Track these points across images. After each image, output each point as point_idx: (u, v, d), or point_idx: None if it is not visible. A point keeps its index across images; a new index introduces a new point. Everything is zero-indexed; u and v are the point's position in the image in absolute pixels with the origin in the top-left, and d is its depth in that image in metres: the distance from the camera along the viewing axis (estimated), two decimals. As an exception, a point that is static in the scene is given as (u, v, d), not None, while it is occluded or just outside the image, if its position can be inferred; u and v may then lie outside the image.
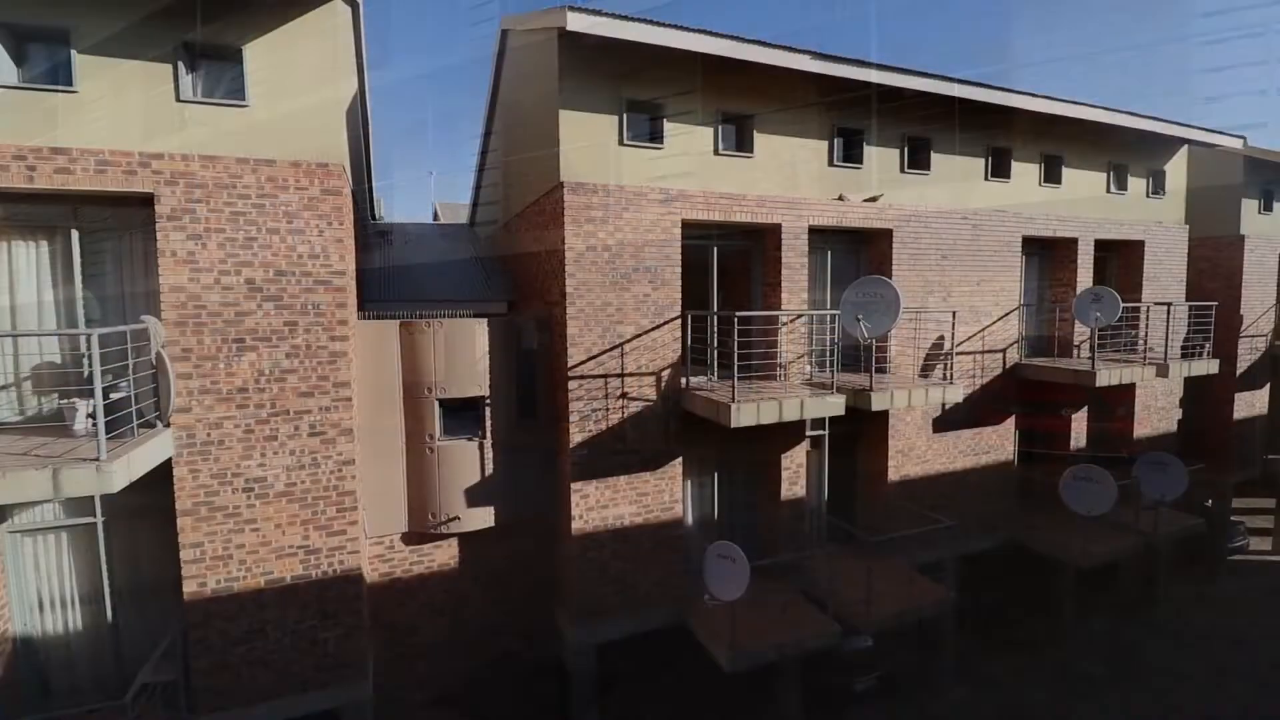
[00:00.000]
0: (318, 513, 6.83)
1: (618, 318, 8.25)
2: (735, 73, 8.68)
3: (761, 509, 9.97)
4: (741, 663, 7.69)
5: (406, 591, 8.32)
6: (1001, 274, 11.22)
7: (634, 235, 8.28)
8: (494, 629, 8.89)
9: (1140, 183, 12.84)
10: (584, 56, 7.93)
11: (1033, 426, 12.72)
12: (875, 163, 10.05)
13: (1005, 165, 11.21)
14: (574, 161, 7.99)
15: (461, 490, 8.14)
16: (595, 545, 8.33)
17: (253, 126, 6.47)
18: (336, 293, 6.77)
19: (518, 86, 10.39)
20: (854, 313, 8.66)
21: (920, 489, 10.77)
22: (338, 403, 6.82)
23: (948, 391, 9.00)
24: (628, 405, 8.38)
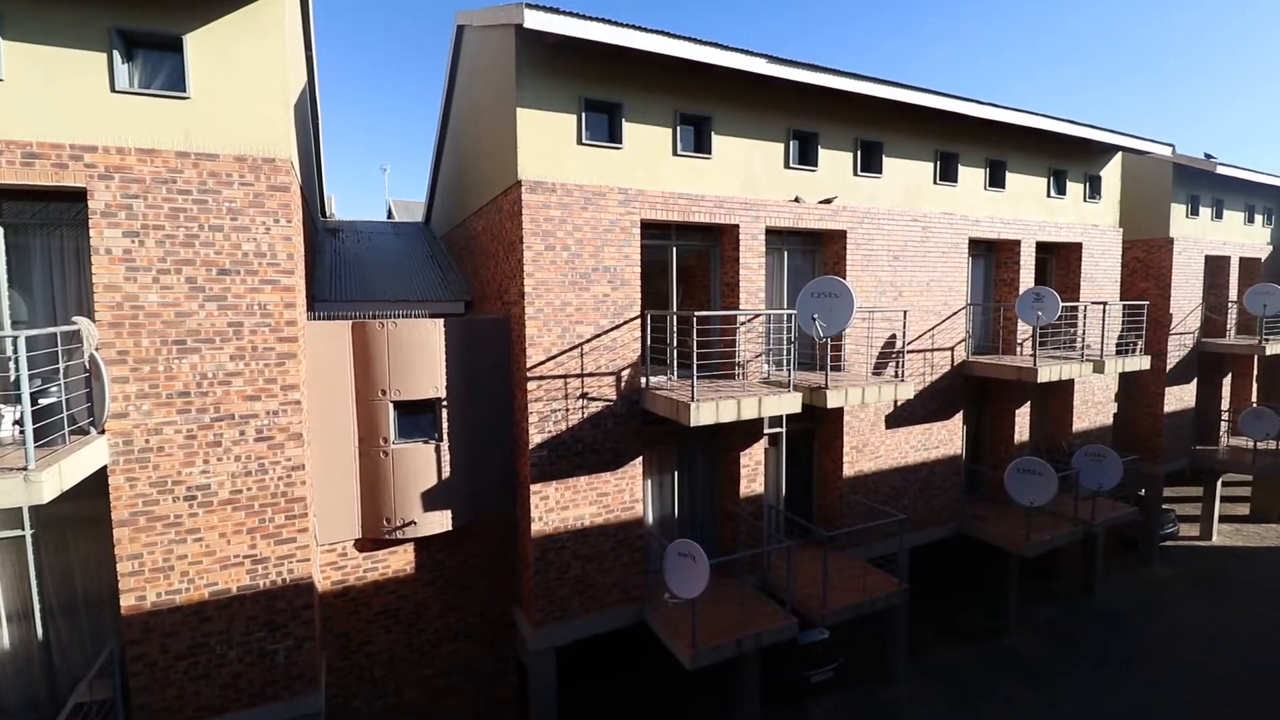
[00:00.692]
0: (265, 520, 6.60)
1: (577, 318, 8.22)
2: (694, 74, 8.75)
3: (721, 506, 10.08)
4: (703, 659, 7.76)
5: (360, 599, 8.12)
6: (950, 274, 11.60)
7: (593, 235, 8.26)
8: (452, 634, 8.75)
9: (1078, 187, 13.45)
10: (542, 54, 7.87)
11: (979, 421, 13.21)
12: (830, 165, 10.26)
13: (953, 170, 11.59)
14: (532, 160, 7.92)
15: (417, 494, 7.98)
16: (555, 546, 8.28)
17: (194, 119, 6.21)
18: (284, 292, 6.55)
19: (474, 83, 10.24)
20: (810, 312, 8.83)
21: (874, 484, 11.07)
22: (286, 406, 6.60)
23: (900, 389, 9.26)
24: (588, 405, 8.35)
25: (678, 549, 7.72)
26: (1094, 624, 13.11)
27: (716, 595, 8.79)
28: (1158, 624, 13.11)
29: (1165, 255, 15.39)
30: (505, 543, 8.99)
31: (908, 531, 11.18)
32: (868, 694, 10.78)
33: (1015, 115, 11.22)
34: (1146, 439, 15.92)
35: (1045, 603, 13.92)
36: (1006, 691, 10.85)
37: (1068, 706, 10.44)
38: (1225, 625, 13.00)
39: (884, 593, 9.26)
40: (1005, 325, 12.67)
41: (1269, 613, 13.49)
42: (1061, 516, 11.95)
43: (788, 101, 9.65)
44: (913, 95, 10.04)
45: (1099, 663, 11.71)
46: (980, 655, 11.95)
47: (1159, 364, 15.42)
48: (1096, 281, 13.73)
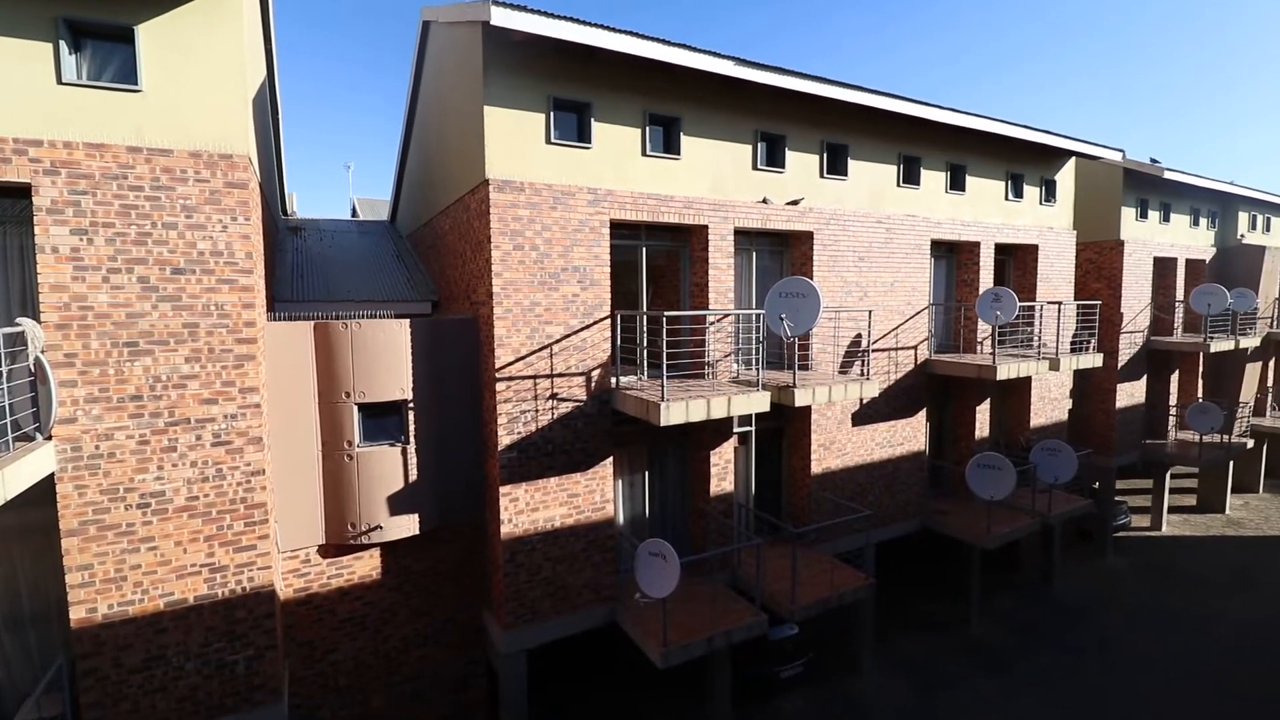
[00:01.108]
0: (224, 528, 6.41)
1: (546, 318, 8.18)
2: (662, 75, 8.78)
3: (692, 505, 10.13)
4: (674, 658, 7.79)
5: (324, 606, 7.93)
6: (913, 275, 11.86)
7: (562, 235, 8.23)
8: (420, 639, 8.62)
9: (1035, 191, 13.88)
10: (510, 52, 7.81)
11: (942, 418, 13.54)
12: (797, 167, 10.40)
13: (915, 172, 11.86)
14: (500, 159, 7.85)
15: (383, 498, 7.84)
16: (525, 548, 8.22)
17: (146, 113, 5.99)
18: (243, 292, 6.37)
19: (441, 80, 10.10)
20: (778, 312, 8.93)
21: (841, 481, 11.25)
22: (245, 409, 6.42)
23: (865, 387, 9.43)
24: (557, 406, 8.32)
25: (649, 548, 7.74)
26: (1052, 613, 13.55)
27: (688, 594, 8.83)
28: (1112, 613, 13.61)
29: (1116, 257, 15.99)
30: (474, 546, 8.89)
31: (874, 527, 11.39)
32: (836, 687, 10.96)
33: (975, 120, 11.52)
34: (1100, 434, 16.51)
35: (1006, 593, 14.34)
36: (969, 680, 11.14)
37: (1027, 694, 10.77)
38: (1175, 613, 13.57)
39: (851, 587, 9.42)
40: (966, 324, 13.01)
41: (1215, 600, 14.12)
42: (1020, 510, 12.32)
43: (755, 104, 9.75)
44: (877, 99, 10.23)
45: (1057, 651, 12.11)
46: (944, 646, 12.25)
47: (1111, 361, 16.01)
48: (1052, 282, 14.19)
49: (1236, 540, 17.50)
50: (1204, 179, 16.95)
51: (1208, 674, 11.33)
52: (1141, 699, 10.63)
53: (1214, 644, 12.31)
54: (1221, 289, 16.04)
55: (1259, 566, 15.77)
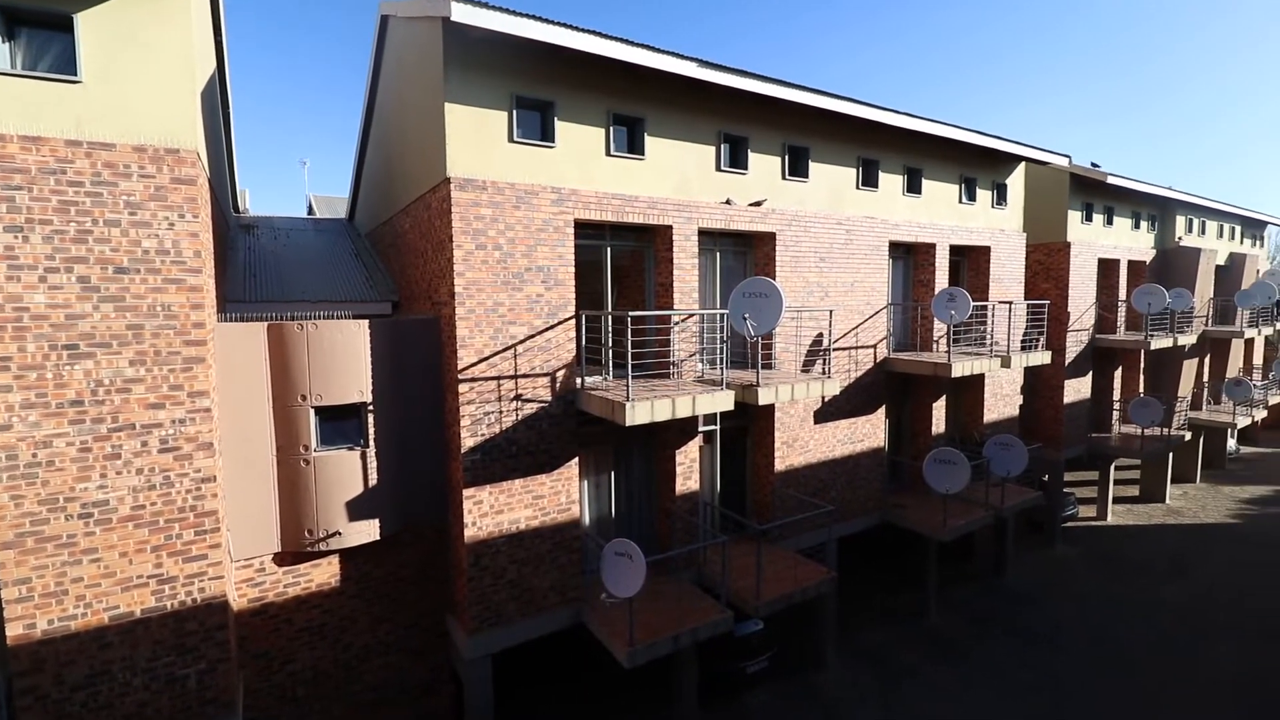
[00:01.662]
0: (172, 537, 6.17)
1: (510, 318, 8.10)
2: (627, 75, 8.78)
3: (658, 504, 10.17)
4: (640, 657, 7.81)
5: (281, 616, 7.70)
6: (872, 276, 12.14)
7: (526, 234, 8.16)
8: (382, 647, 8.45)
9: (987, 194, 14.34)
10: (471, 49, 7.71)
11: (900, 415, 13.89)
12: (759, 169, 10.52)
13: (874, 175, 12.13)
14: (461, 157, 7.75)
15: (342, 503, 7.65)
16: (490, 552, 8.13)
17: (87, 105, 5.73)
18: (191, 292, 6.14)
19: (400, 75, 9.91)
20: (741, 312, 9.03)
21: (804, 477, 11.44)
22: (194, 414, 6.19)
23: (826, 385, 9.61)
24: (522, 407, 8.25)
25: (614, 548, 7.74)
26: (1005, 602, 14.03)
27: (654, 593, 8.87)
28: (1062, 600, 14.17)
29: (1063, 258, 16.64)
30: (437, 550, 8.76)
31: (836, 522, 11.62)
32: (800, 680, 11.15)
33: (930, 125, 11.85)
34: (1049, 428, 17.16)
35: (962, 583, 14.79)
36: (928, 670, 11.46)
37: (982, 681, 11.13)
38: (1119, 599, 14.19)
39: (814, 582, 9.59)
40: (923, 324, 13.37)
41: (1156, 585, 14.82)
42: (975, 502, 12.73)
43: (719, 105, 9.83)
44: (836, 103, 10.43)
45: (1010, 638, 12.55)
46: (904, 636, 12.57)
47: (1059, 359, 16.66)
48: (1004, 282, 14.69)
49: (1176, 528, 18.40)
50: (1145, 184, 17.78)
51: (1150, 656, 11.89)
52: (1090, 682, 11.10)
53: (1155, 627, 12.92)
54: (1161, 289, 16.83)
55: (1196, 553, 16.61)
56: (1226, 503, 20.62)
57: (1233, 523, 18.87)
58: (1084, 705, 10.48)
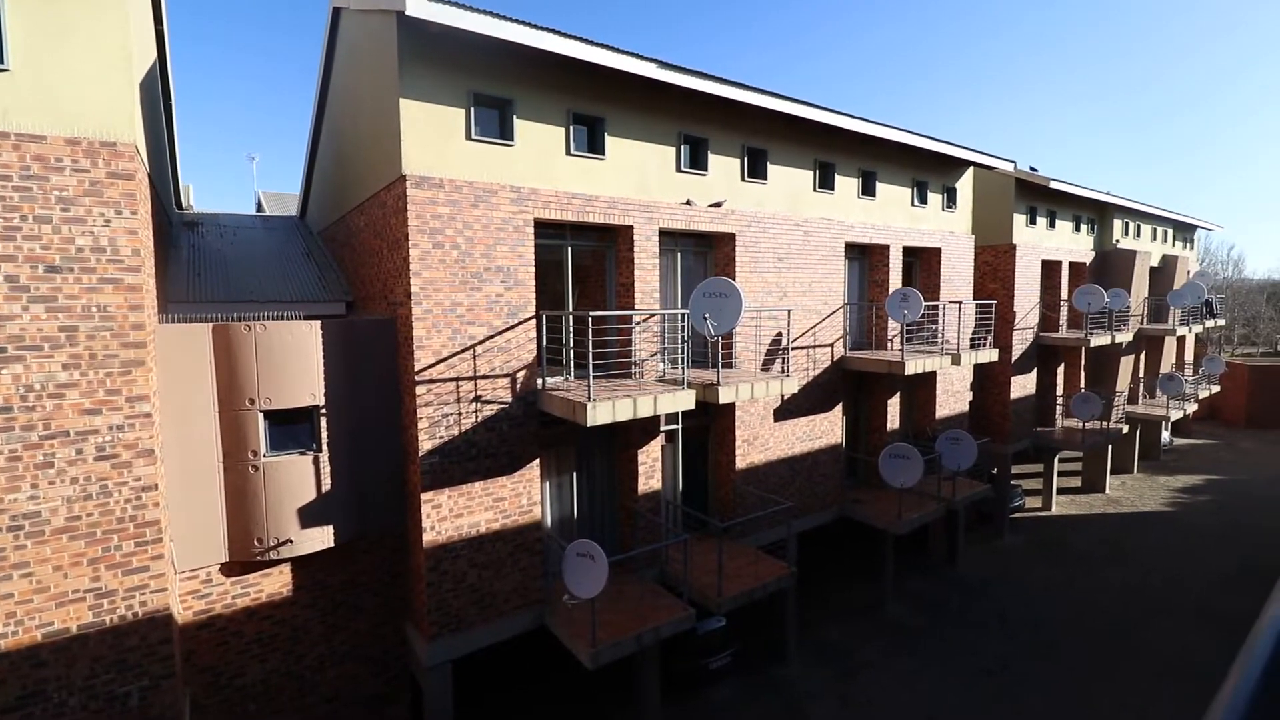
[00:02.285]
0: (111, 549, 5.88)
1: (469, 318, 7.98)
2: (586, 75, 8.75)
3: (621, 504, 10.17)
4: (604, 657, 7.80)
5: (229, 628, 7.42)
6: (829, 276, 12.39)
7: (484, 233, 8.05)
8: (338, 657, 8.22)
9: (938, 198, 14.79)
10: (427, 43, 7.57)
11: (857, 411, 14.21)
12: (719, 170, 10.62)
13: (830, 178, 12.38)
14: (417, 154, 7.60)
15: (294, 510, 7.42)
16: (450, 556, 8.00)
17: (14, 95, 5.40)
18: (129, 292, 5.86)
19: (354, 69, 9.66)
20: (702, 312, 9.11)
21: (764, 474, 11.61)
22: (133, 420, 5.91)
23: (785, 383, 9.76)
24: (481, 409, 8.14)
25: (576, 549, 7.71)
26: (957, 591, 14.50)
27: (617, 593, 8.87)
28: (1010, 587, 14.72)
29: (1009, 260, 17.29)
30: (395, 556, 8.57)
31: (796, 518, 11.82)
32: (762, 675, 11.30)
33: (883, 130, 12.16)
34: (996, 423, 17.81)
35: (917, 575, 15.23)
36: (885, 659, 11.76)
37: (937, 667, 11.48)
38: (1063, 585, 14.82)
39: (774, 577, 9.74)
40: (878, 323, 13.72)
41: (1097, 572, 15.53)
42: (928, 496, 13.12)
43: (679, 107, 9.89)
44: (793, 106, 10.61)
45: (963, 626, 12.97)
46: (862, 628, 12.87)
47: (1005, 356, 17.30)
48: (954, 283, 15.18)
49: (1115, 517, 19.32)
50: (1084, 189, 18.61)
51: (1092, 639, 12.45)
52: (1037, 665, 11.56)
53: (1097, 612, 13.54)
54: (1100, 289, 17.65)
55: (1133, 540, 17.48)
56: (1161, 492, 21.75)
57: (1167, 511, 19.91)
58: (1032, 688, 10.91)
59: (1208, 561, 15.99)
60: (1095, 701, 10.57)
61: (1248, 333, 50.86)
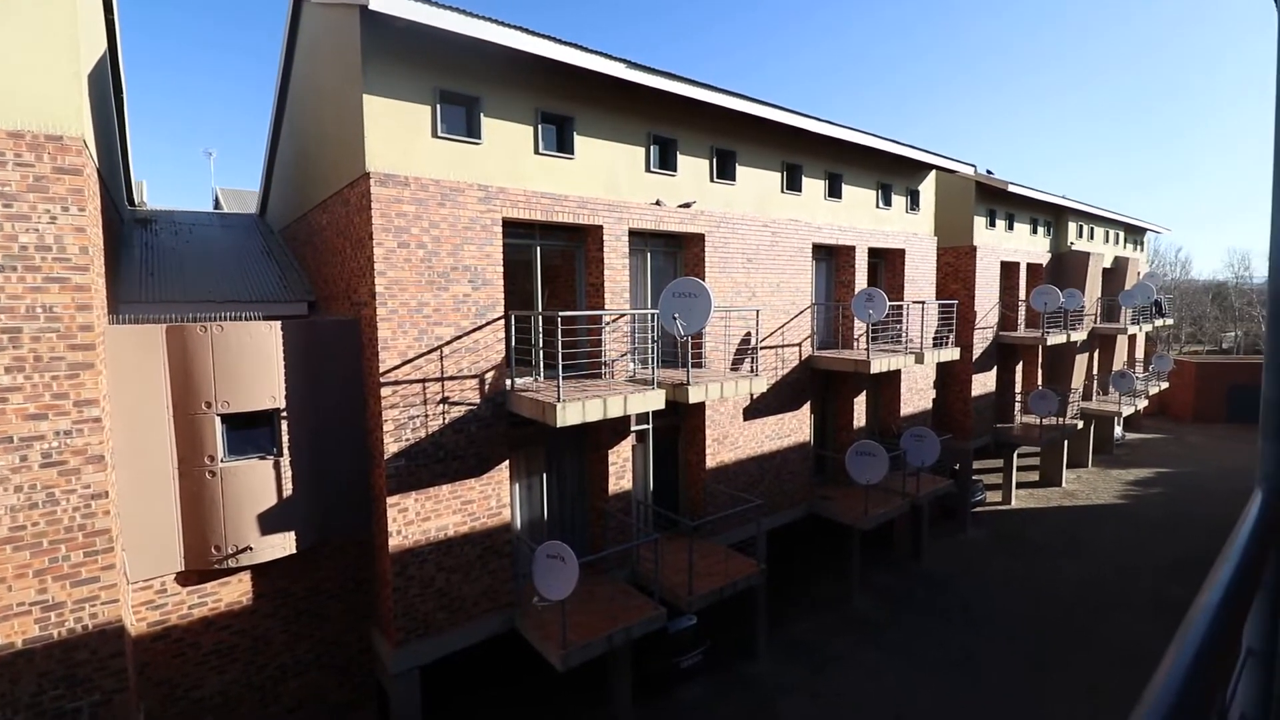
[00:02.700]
0: (58, 560, 5.63)
1: (435, 319, 7.87)
2: (555, 74, 8.70)
3: (591, 505, 10.14)
4: (574, 659, 7.77)
5: (186, 639, 7.19)
6: (796, 276, 12.55)
7: (451, 233, 7.95)
8: (300, 666, 8.03)
9: (901, 200, 15.10)
10: (392, 39, 7.44)
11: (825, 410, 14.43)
12: (688, 171, 10.67)
13: (798, 180, 12.54)
14: (381, 151, 7.46)
15: (253, 516, 7.22)
16: (417, 560, 7.88)
17: (-54, 84, 5.15)
18: (76, 292, 5.63)
19: (316, 64, 9.44)
20: (671, 312, 9.13)
21: (734, 473, 11.70)
22: (82, 425, 5.68)
23: (754, 383, 9.86)
24: (449, 410, 8.03)
25: (546, 551, 7.66)
26: (921, 585, 14.83)
27: (588, 594, 8.84)
28: (972, 580, 15.11)
29: (970, 261, 17.74)
30: (360, 561, 8.41)
31: (765, 515, 11.95)
32: (733, 672, 11.39)
33: (849, 133, 12.36)
34: (958, 420, 18.26)
35: (883, 569, 15.52)
36: (853, 652, 11.97)
37: (902, 659, 11.72)
38: (1023, 576, 15.28)
39: (745, 575, 9.82)
40: (844, 322, 13.94)
41: (1055, 563, 16.04)
42: (893, 492, 13.38)
43: (648, 107, 9.90)
44: (761, 109, 10.71)
45: (927, 618, 13.27)
46: (830, 622, 13.07)
47: (966, 355, 17.75)
48: (917, 283, 15.51)
49: (1072, 510, 19.99)
50: (1041, 193, 19.20)
51: (1050, 629, 12.86)
52: (998, 655, 11.89)
53: (1055, 603, 13.99)
54: (1056, 290, 18.23)
55: (1088, 532, 18.10)
56: (1115, 485, 22.57)
57: (1120, 503, 20.67)
58: (994, 677, 11.22)
59: (1158, 552, 16.64)
60: (1051, 689, 10.92)
61: (1194, 331, 53.15)
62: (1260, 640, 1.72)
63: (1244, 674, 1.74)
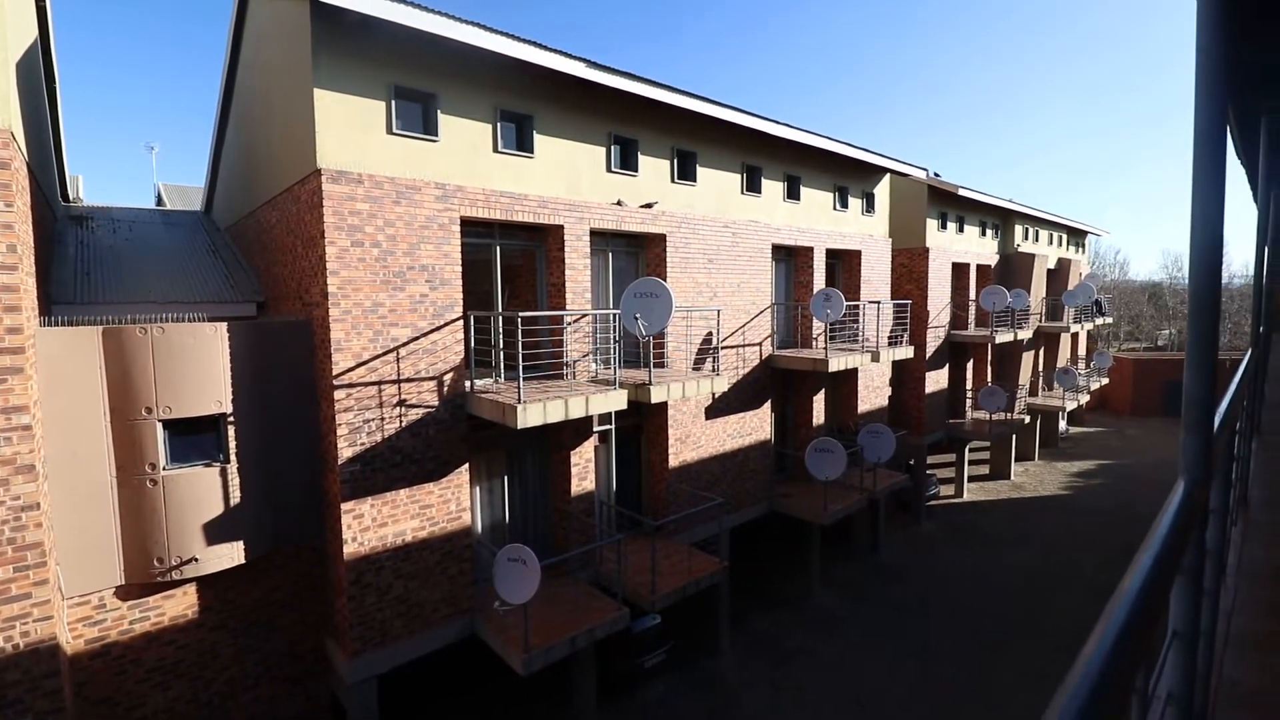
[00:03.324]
0: (-17, 576, 5.32)
1: (391, 319, 7.70)
2: (514, 71, 8.61)
3: (554, 506, 10.08)
4: (537, 663, 7.70)
5: (127, 656, 6.85)
6: (757, 277, 12.71)
7: (408, 231, 7.79)
8: (251, 679, 7.75)
9: (858, 202, 15.44)
10: (344, 32, 7.24)
11: (785, 408, 14.65)
12: (649, 171, 10.69)
13: (757, 181, 12.70)
14: (334, 147, 7.26)
15: (199, 525, 6.93)
16: (373, 568, 7.69)
17: None
18: (4, 293, 5.30)
19: (263, 56, 9.13)
20: (633, 312, 9.14)
21: (697, 472, 11.78)
22: (10, 433, 5.37)
23: (716, 382, 9.94)
24: (406, 413, 7.87)
25: (508, 554, 7.58)
26: (879, 578, 15.20)
27: (550, 596, 8.78)
28: (926, 570, 15.55)
29: (923, 262, 18.27)
30: (314, 569, 8.17)
31: (727, 513, 12.07)
32: (696, 670, 11.47)
33: (807, 136, 12.58)
34: (913, 416, 18.79)
35: (842, 563, 15.85)
36: (813, 646, 12.18)
37: (861, 651, 11.99)
38: (975, 566, 15.80)
39: (707, 572, 9.90)
40: (803, 322, 14.18)
41: (1004, 553, 16.64)
42: (851, 488, 13.68)
43: (609, 107, 9.88)
44: (722, 111, 10.81)
45: (885, 610, 13.61)
46: (792, 617, 13.28)
47: (920, 353, 18.26)
48: (873, 284, 15.89)
49: (1020, 501, 20.75)
50: (989, 196, 19.89)
51: (1000, 617, 13.33)
52: (952, 643, 12.27)
53: (1004, 591, 14.51)
54: (1003, 290, 18.92)
55: (1035, 522, 18.83)
56: (1060, 477, 23.54)
57: (1065, 494, 21.57)
58: (947, 664, 11.57)
59: (1100, 541, 17.42)
60: (1001, 674, 11.32)
61: (1132, 329, 55.90)
62: (1184, 623, 1.81)
63: (1169, 655, 1.83)
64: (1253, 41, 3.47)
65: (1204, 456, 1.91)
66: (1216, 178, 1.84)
